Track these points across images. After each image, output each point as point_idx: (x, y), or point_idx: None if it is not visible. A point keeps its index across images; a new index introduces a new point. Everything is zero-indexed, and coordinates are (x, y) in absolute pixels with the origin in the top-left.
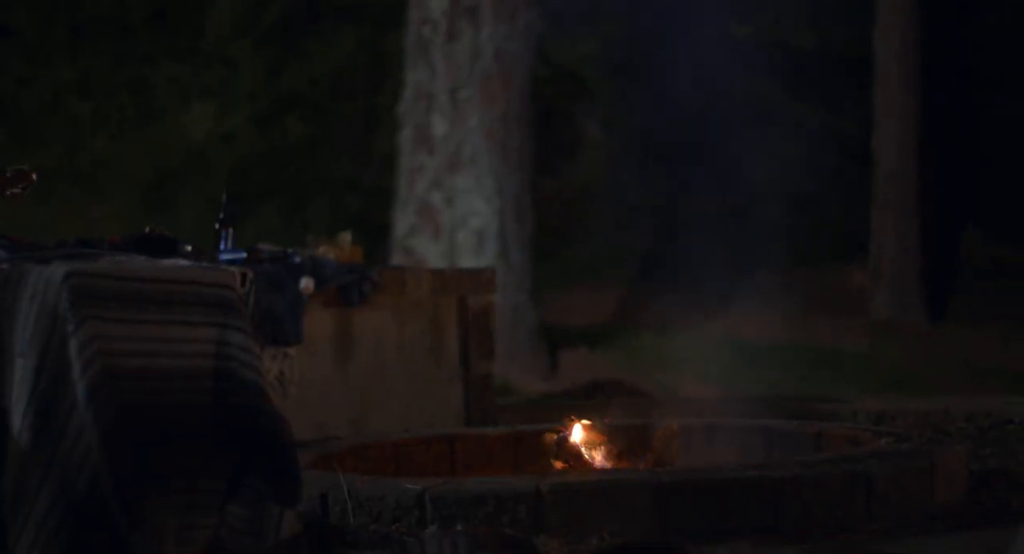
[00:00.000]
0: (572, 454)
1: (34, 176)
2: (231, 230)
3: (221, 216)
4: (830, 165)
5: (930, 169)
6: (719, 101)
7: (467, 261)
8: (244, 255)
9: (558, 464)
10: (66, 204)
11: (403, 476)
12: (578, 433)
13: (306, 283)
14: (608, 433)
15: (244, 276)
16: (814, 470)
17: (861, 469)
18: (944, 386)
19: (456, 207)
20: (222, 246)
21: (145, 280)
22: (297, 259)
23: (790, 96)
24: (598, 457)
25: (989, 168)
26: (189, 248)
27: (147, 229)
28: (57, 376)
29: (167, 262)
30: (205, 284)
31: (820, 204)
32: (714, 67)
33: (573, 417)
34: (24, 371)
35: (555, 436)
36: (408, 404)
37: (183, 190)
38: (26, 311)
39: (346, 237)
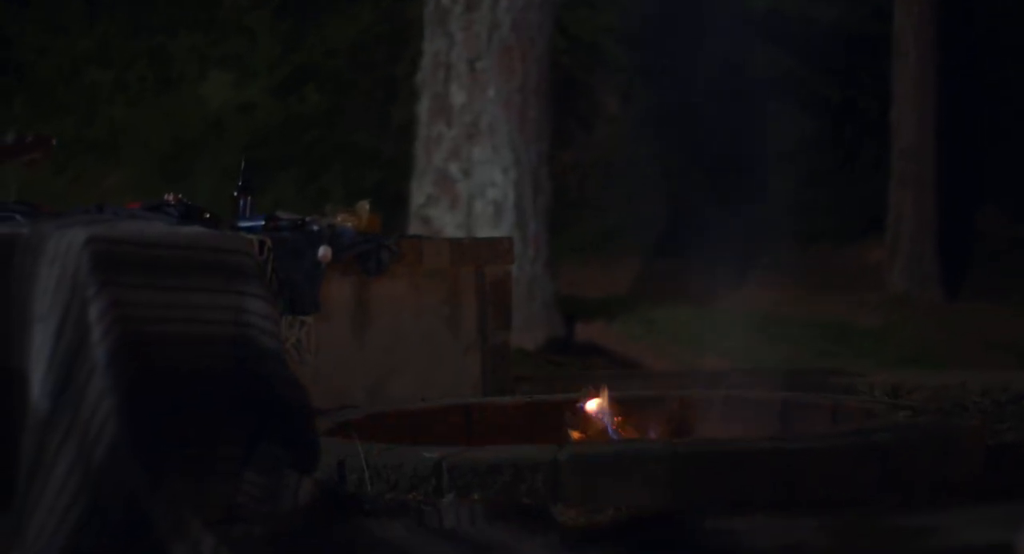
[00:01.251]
0: (589, 424)
1: (54, 141)
2: (249, 198)
3: (240, 184)
4: (848, 140)
5: (948, 145)
6: (737, 74)
7: (484, 232)
8: (262, 223)
9: (575, 434)
10: (83, 173)
11: (420, 445)
12: (595, 403)
13: (324, 251)
14: (625, 404)
15: (262, 244)
16: (830, 442)
17: (877, 442)
18: (960, 361)
19: (473, 178)
20: (240, 214)
21: (165, 246)
22: (315, 227)
23: (808, 70)
24: (615, 427)
25: (1007, 144)
26: (208, 215)
27: (167, 197)
28: (76, 342)
29: (187, 229)
30: (225, 251)
31: (837, 179)
32: (733, 40)
33: (590, 387)
34: (43, 336)
35: (573, 406)
36: (425, 373)
37: (200, 159)
38: (46, 276)
39: (364, 206)
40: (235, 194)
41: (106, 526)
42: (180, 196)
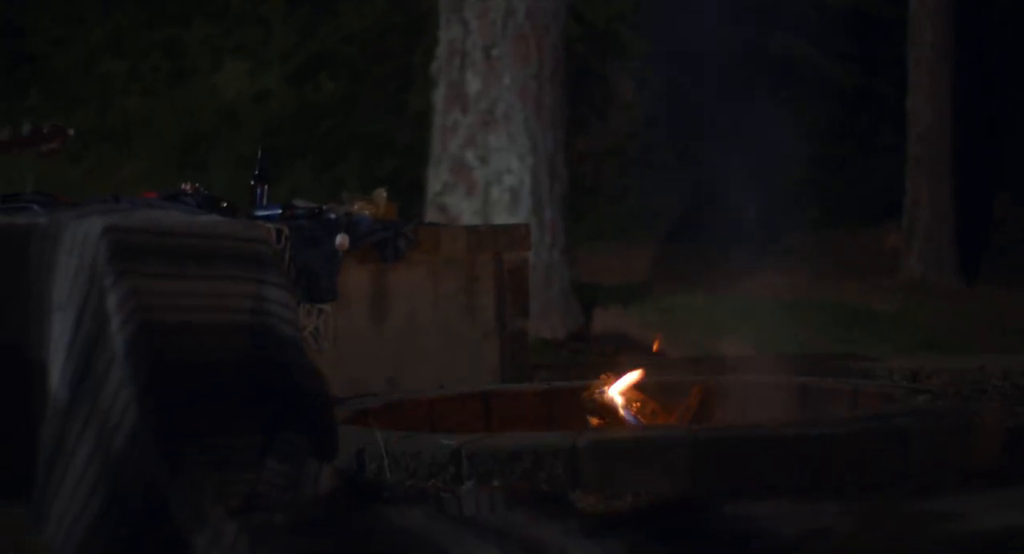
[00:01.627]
0: (608, 411)
1: (70, 132)
2: (266, 187)
3: (256, 173)
4: (864, 126)
5: (964, 131)
6: (753, 60)
7: (500, 219)
8: (279, 211)
9: (594, 421)
10: (99, 163)
11: (439, 432)
12: (614, 390)
13: (341, 240)
14: (644, 390)
15: (280, 232)
16: (851, 427)
17: (897, 426)
18: (977, 346)
19: (490, 165)
20: (257, 202)
21: (182, 235)
22: (332, 216)
23: (824, 56)
24: (634, 414)
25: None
26: (224, 204)
27: (183, 186)
28: (95, 331)
29: (204, 217)
30: (242, 239)
31: (854, 165)
32: (748, 25)
33: (608, 374)
34: (61, 326)
35: (591, 393)
36: (443, 361)
37: (215, 149)
38: (64, 265)
39: (381, 194)
40: (252, 183)
41: (126, 515)
42: (197, 185)
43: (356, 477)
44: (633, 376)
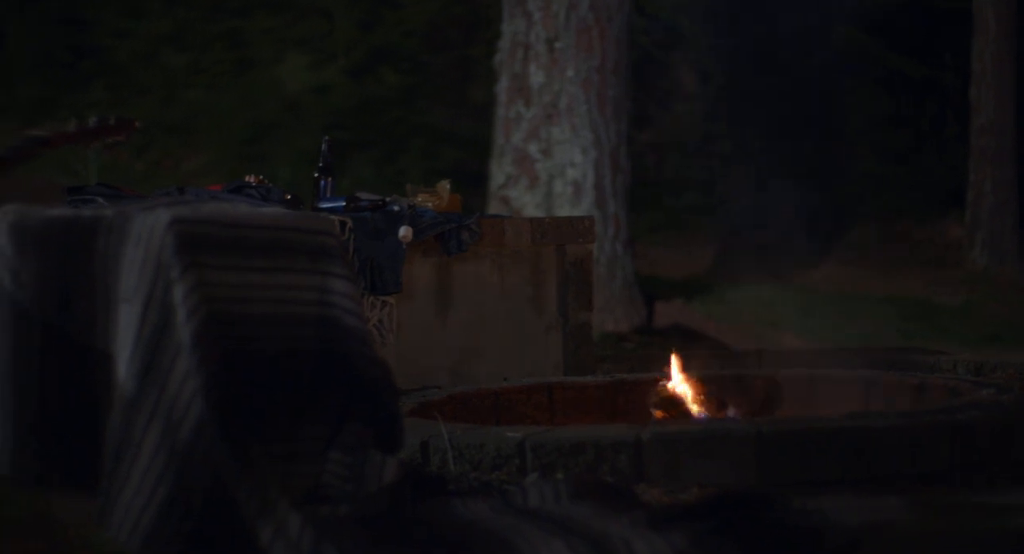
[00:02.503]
0: (672, 403)
1: (137, 123)
2: (330, 179)
3: (320, 165)
4: (928, 116)
5: None
6: (816, 51)
7: (563, 212)
8: (343, 203)
9: (658, 413)
10: (161, 156)
11: (503, 425)
12: (677, 382)
13: (405, 232)
14: (707, 383)
15: (343, 224)
16: (916, 421)
17: (962, 420)
18: None
19: (553, 157)
20: (321, 194)
21: (248, 227)
22: (396, 208)
23: (887, 46)
24: (698, 407)
25: None
26: (288, 196)
27: (248, 178)
28: (161, 323)
29: (269, 209)
30: (307, 231)
31: (918, 156)
32: (811, 17)
33: (672, 367)
34: (129, 317)
35: (655, 385)
36: (507, 353)
37: (277, 142)
38: (131, 257)
39: (445, 186)
40: (315, 175)
41: (192, 506)
42: (261, 177)
43: (420, 469)
44: (695, 369)
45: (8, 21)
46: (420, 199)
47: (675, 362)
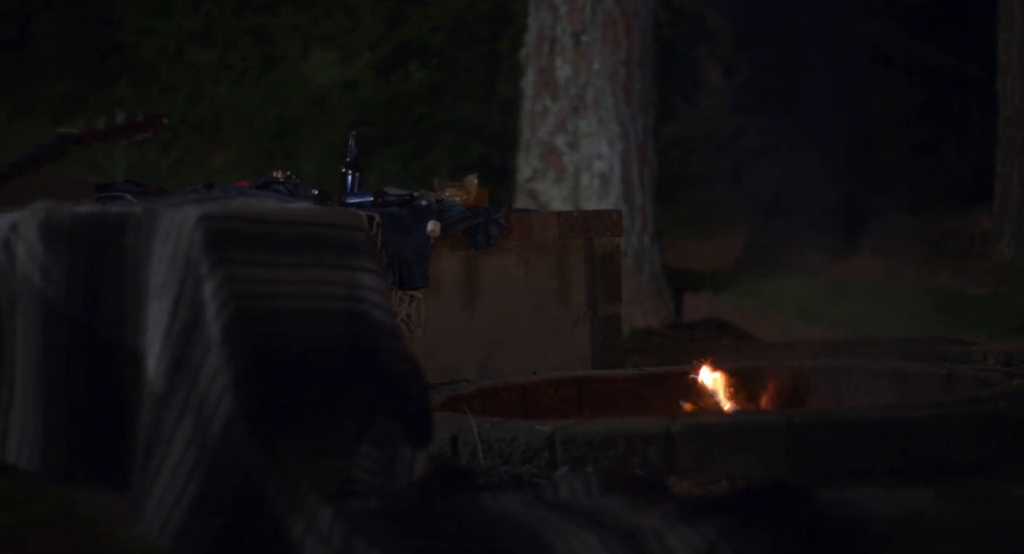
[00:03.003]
0: (701, 396)
1: (165, 120)
2: (357, 174)
3: (347, 160)
4: (954, 108)
5: None
6: (840, 43)
7: (590, 205)
8: (371, 198)
9: (687, 406)
10: (188, 152)
11: (531, 418)
12: (706, 375)
13: (432, 226)
14: (737, 375)
15: (371, 219)
16: (946, 411)
17: (993, 410)
18: None
19: (580, 151)
20: (348, 190)
21: (277, 223)
22: (423, 202)
23: (913, 38)
24: (727, 399)
25: None
26: (316, 192)
27: (275, 174)
28: (191, 319)
29: (298, 205)
30: (336, 226)
31: (945, 147)
32: (836, 8)
33: (701, 359)
34: (158, 313)
35: (684, 378)
36: (535, 347)
37: (303, 138)
38: (159, 254)
39: (472, 180)
40: (343, 170)
41: (223, 501)
42: (289, 173)
43: (450, 463)
44: (724, 361)
45: (36, 19)
46: (447, 194)
47: (703, 354)
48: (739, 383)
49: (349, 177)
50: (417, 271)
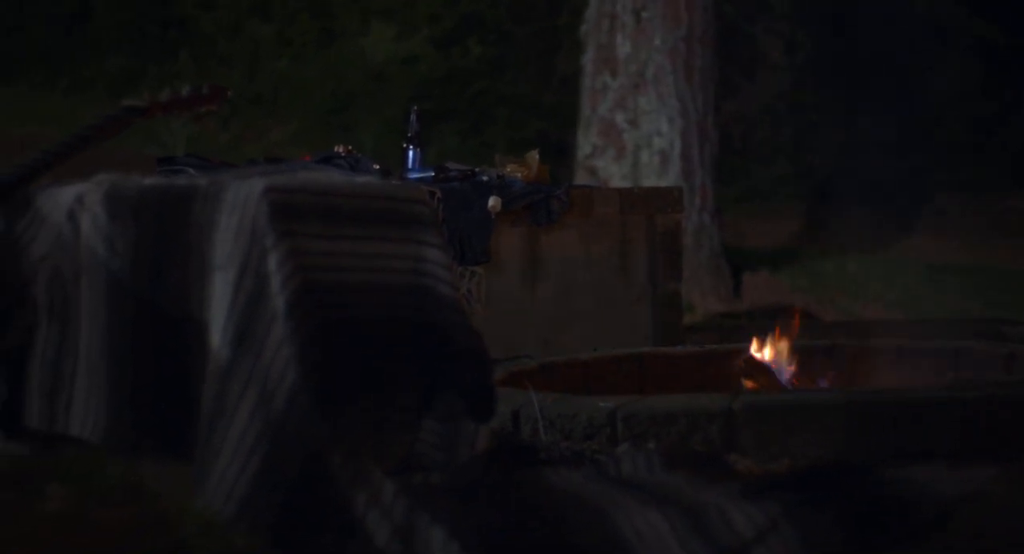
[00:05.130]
0: (762, 373)
1: (229, 93)
2: (418, 149)
3: (409, 135)
4: (1015, 85)
5: None
6: (901, 20)
7: (650, 182)
8: (432, 173)
9: (748, 384)
10: (247, 127)
11: (593, 395)
12: (768, 352)
13: (493, 202)
14: (798, 353)
15: (432, 194)
16: (1006, 391)
17: None
18: None
19: (640, 127)
20: (409, 164)
21: (342, 195)
22: (484, 178)
23: (973, 15)
24: (789, 377)
25: None
26: (377, 166)
27: (337, 148)
28: (256, 291)
29: (362, 178)
30: (400, 200)
31: (1005, 125)
32: None
33: (762, 337)
34: (223, 285)
35: (745, 355)
36: (596, 323)
37: (362, 112)
38: (224, 225)
39: (533, 156)
40: (404, 145)
41: (286, 473)
42: (351, 147)
43: (512, 438)
44: (786, 339)
45: None
46: (509, 169)
47: (763, 332)
48: (799, 362)
49: (410, 152)
50: (478, 246)
